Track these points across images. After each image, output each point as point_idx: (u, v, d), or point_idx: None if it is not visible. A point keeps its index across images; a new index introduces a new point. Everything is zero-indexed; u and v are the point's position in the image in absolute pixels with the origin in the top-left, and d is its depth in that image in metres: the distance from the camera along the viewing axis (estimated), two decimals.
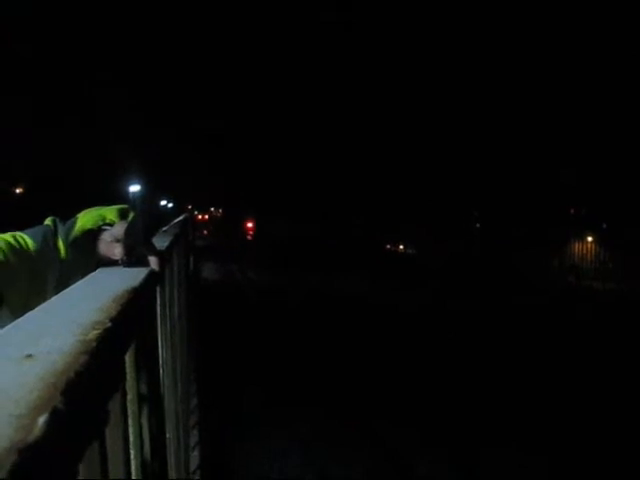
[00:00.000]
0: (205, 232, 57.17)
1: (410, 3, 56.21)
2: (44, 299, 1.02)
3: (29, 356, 0.45)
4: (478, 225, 42.12)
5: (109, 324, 0.57)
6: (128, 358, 0.78)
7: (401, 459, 6.79)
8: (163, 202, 50.78)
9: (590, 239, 32.84)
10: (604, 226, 32.74)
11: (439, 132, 45.59)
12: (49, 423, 0.33)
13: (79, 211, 1.23)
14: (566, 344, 12.92)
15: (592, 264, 32.00)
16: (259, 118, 68.64)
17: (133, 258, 1.13)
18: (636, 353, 11.88)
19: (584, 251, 33.11)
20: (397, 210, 47.41)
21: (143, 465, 0.90)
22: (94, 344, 0.49)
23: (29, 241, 1.13)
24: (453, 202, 42.50)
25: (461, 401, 8.75)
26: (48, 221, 1.20)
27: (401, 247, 47.44)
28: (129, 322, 0.72)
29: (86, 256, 1.16)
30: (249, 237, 57.58)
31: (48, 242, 1.15)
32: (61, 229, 1.18)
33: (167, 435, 1.59)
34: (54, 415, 0.34)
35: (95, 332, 0.53)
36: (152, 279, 1.07)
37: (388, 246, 47.65)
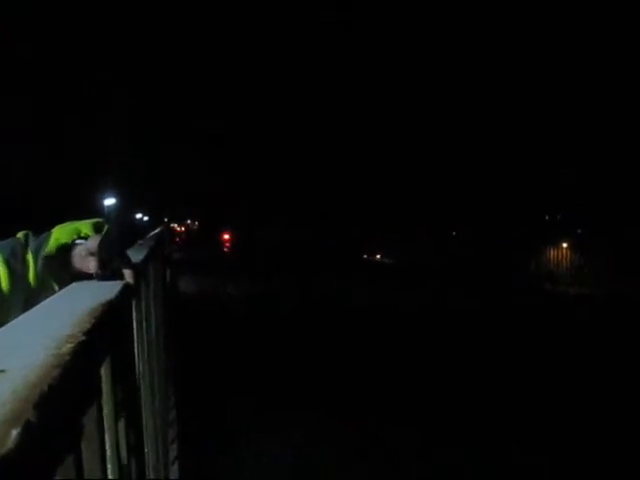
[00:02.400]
0: (178, 239, 57.15)
1: (410, 3, 56.55)
2: (8, 312, 1.01)
3: (1, 371, 0.45)
4: (455, 233, 42.32)
5: (83, 338, 0.57)
6: (104, 372, 0.77)
7: (401, 459, 6.78)
8: (139, 215, 50.38)
9: (565, 245, 33.14)
10: (579, 232, 33.05)
11: (436, 133, 45.85)
12: (21, 436, 0.33)
13: (54, 225, 1.21)
14: (564, 344, 12.98)
15: (568, 270, 32.29)
16: (258, 119, 68.40)
17: (108, 271, 1.12)
18: (633, 353, 11.97)
19: (559, 257, 33.41)
20: (386, 215, 47.47)
21: (121, 479, 0.89)
22: (67, 358, 0.49)
23: None
24: (447, 203, 42.65)
25: (461, 401, 8.77)
26: (20, 235, 1.19)
27: (378, 256, 47.44)
28: (104, 336, 0.72)
29: (61, 270, 1.15)
30: (226, 249, 57.29)
31: (16, 255, 1.13)
32: (32, 243, 1.16)
33: (145, 449, 1.58)
34: (26, 428, 0.34)
35: (69, 346, 0.53)
36: (127, 292, 1.07)
37: (365, 256, 47.64)
